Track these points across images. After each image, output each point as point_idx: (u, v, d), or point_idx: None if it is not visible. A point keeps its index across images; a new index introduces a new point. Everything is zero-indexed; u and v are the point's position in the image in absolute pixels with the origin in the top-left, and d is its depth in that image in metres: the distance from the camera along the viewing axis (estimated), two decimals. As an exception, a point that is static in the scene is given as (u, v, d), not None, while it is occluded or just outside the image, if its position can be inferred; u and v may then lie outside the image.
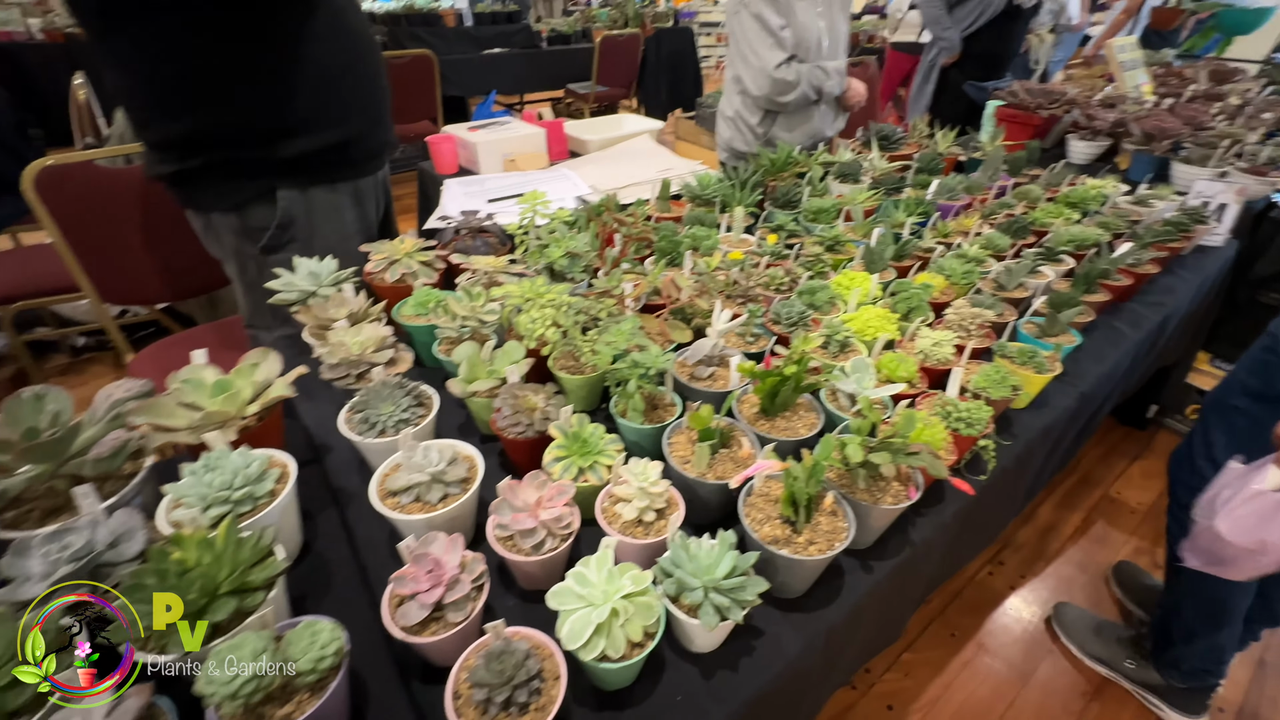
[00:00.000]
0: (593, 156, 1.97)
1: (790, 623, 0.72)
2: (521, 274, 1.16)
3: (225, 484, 0.66)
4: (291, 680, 0.53)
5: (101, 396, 0.75)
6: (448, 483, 0.74)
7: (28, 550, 0.60)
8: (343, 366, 0.92)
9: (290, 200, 1.29)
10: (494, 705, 0.54)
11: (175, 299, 1.89)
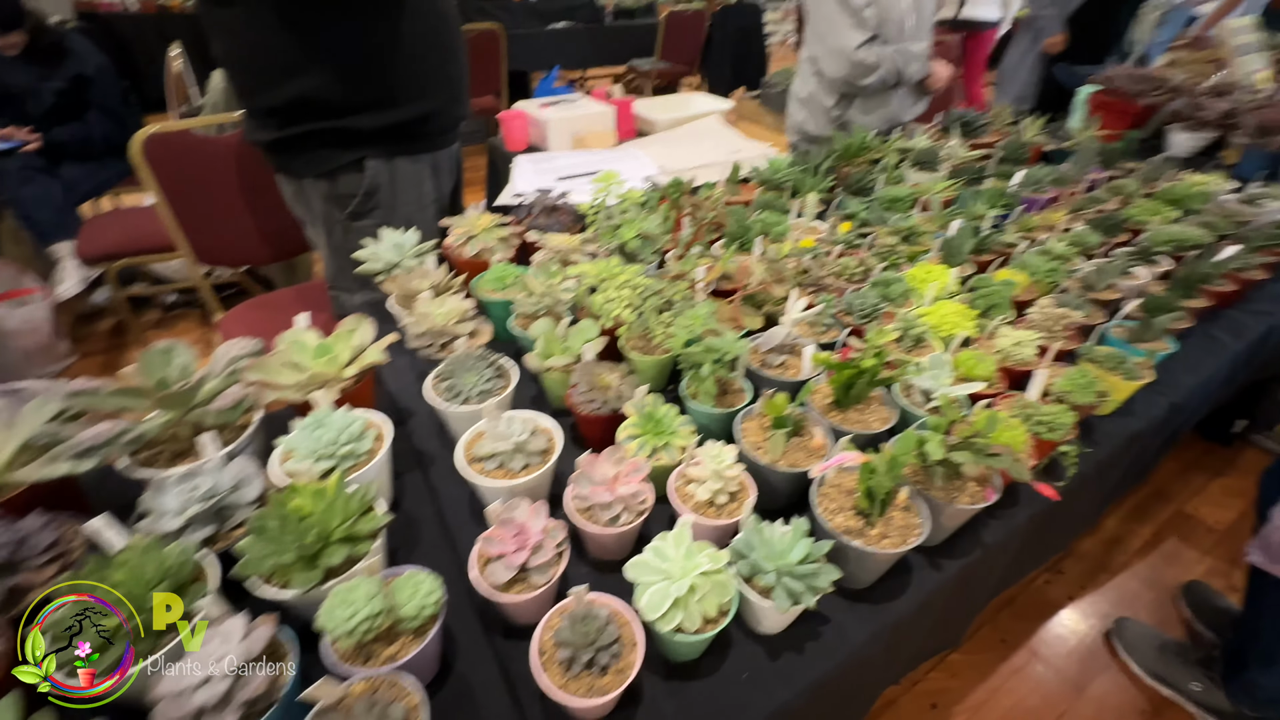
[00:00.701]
0: (660, 136, 1.96)
1: (856, 613, 0.73)
2: (594, 253, 1.18)
3: (332, 440, 0.72)
4: (397, 624, 0.57)
5: (220, 352, 0.81)
6: (529, 453, 0.78)
7: (164, 488, 0.67)
8: (427, 336, 0.96)
9: (376, 169, 1.35)
10: (577, 664, 0.57)
11: (261, 262, 2.00)
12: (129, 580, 0.54)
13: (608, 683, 0.57)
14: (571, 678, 0.58)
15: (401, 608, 0.56)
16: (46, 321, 2.23)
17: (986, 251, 1.32)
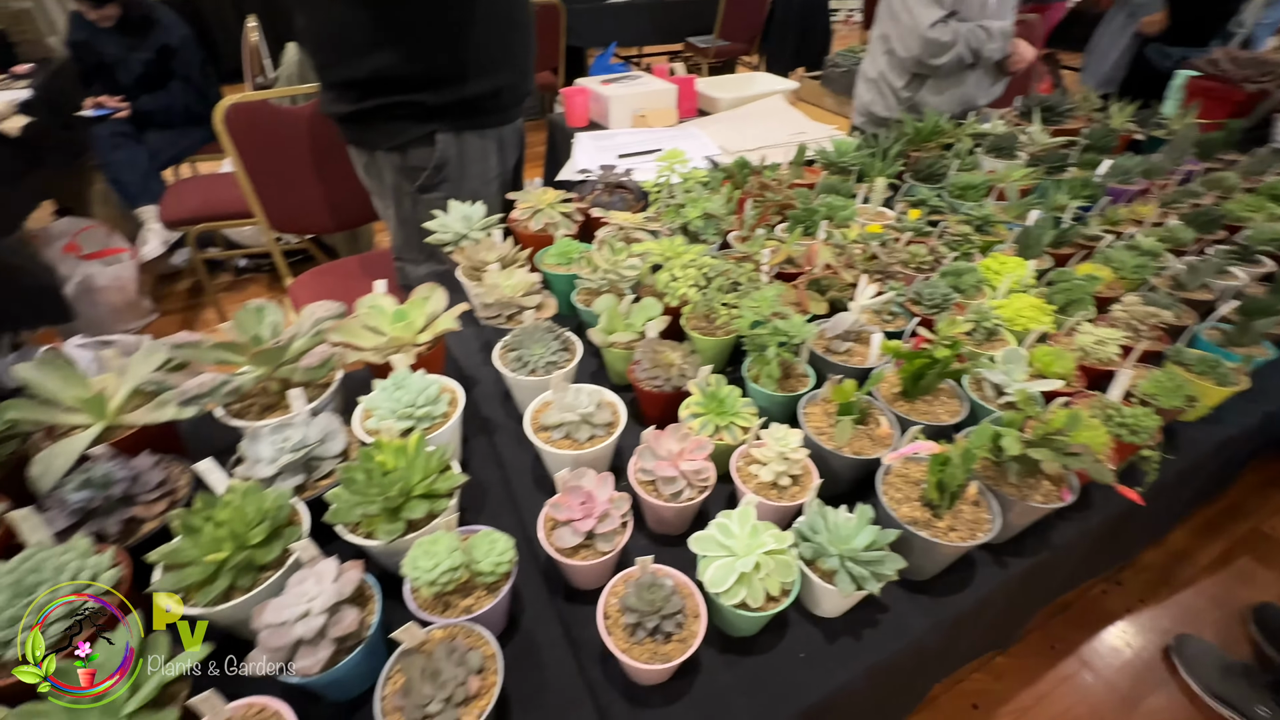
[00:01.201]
0: (722, 116, 1.93)
1: (917, 604, 0.73)
2: (656, 232, 1.18)
3: (411, 401, 0.75)
4: (473, 579, 0.60)
5: (306, 313, 0.85)
6: (594, 425, 0.79)
7: (259, 438, 0.71)
8: (495, 307, 0.99)
9: (446, 143, 1.38)
10: (642, 630, 0.59)
11: (328, 230, 2.08)
12: (233, 519, 0.59)
13: (671, 650, 0.59)
14: (635, 642, 0.60)
15: (478, 563, 0.59)
16: (132, 280, 2.38)
17: (1066, 244, 1.25)
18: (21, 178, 2.05)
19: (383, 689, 0.53)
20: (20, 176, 2.04)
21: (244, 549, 0.58)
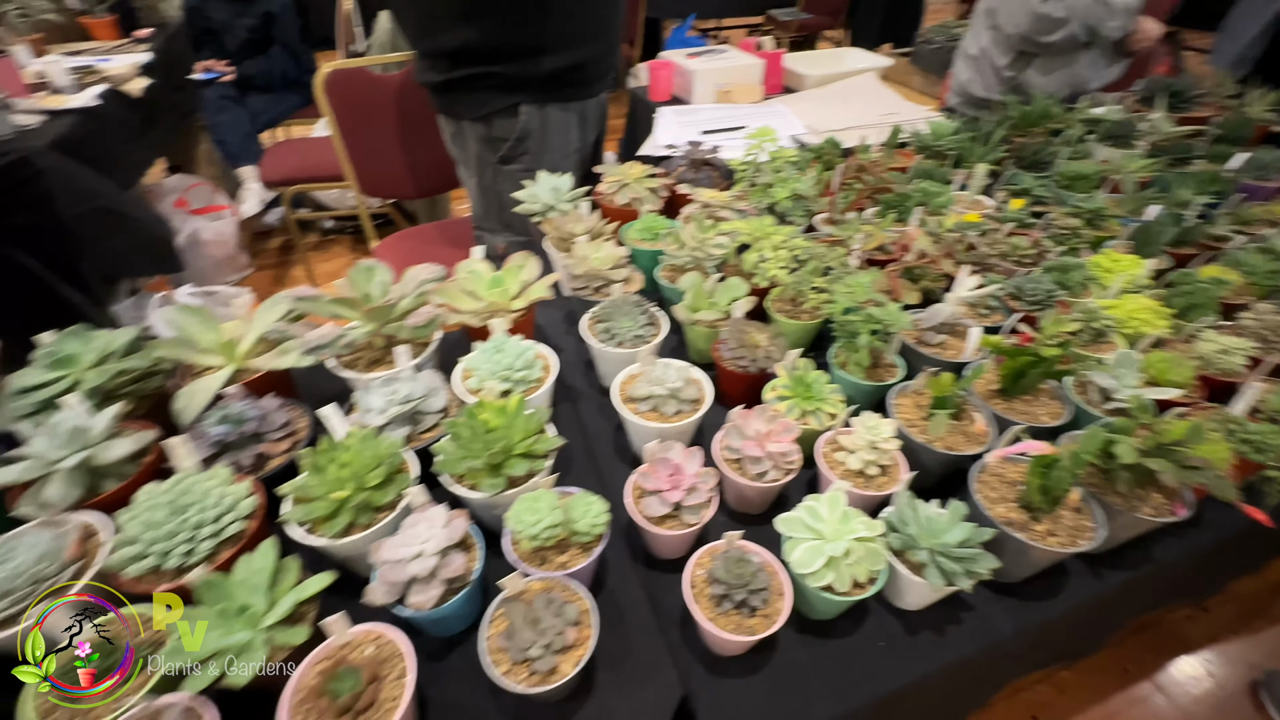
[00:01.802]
0: (809, 94, 1.87)
1: (1003, 606, 0.71)
2: (743, 211, 1.17)
3: (509, 365, 0.78)
4: (570, 537, 0.63)
5: (410, 274, 0.89)
6: (681, 400, 0.80)
7: (371, 389, 0.76)
8: (584, 278, 1.01)
9: (530, 115, 1.40)
10: (729, 601, 0.61)
11: (412, 196, 2.16)
12: (354, 461, 0.63)
13: (755, 624, 0.60)
14: (720, 613, 0.61)
15: (575, 523, 0.62)
16: (233, 236, 2.55)
17: (1188, 244, 1.16)
18: (141, 136, 2.21)
19: (487, 630, 0.57)
20: (140, 134, 2.20)
21: (363, 490, 0.62)
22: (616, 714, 0.59)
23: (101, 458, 0.66)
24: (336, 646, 0.56)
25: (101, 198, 1.87)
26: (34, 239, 1.80)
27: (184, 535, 0.59)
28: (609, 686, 0.61)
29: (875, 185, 1.16)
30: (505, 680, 0.53)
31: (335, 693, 0.51)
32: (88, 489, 0.66)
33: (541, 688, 0.53)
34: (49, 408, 0.71)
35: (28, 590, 0.56)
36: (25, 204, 1.76)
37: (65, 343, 0.76)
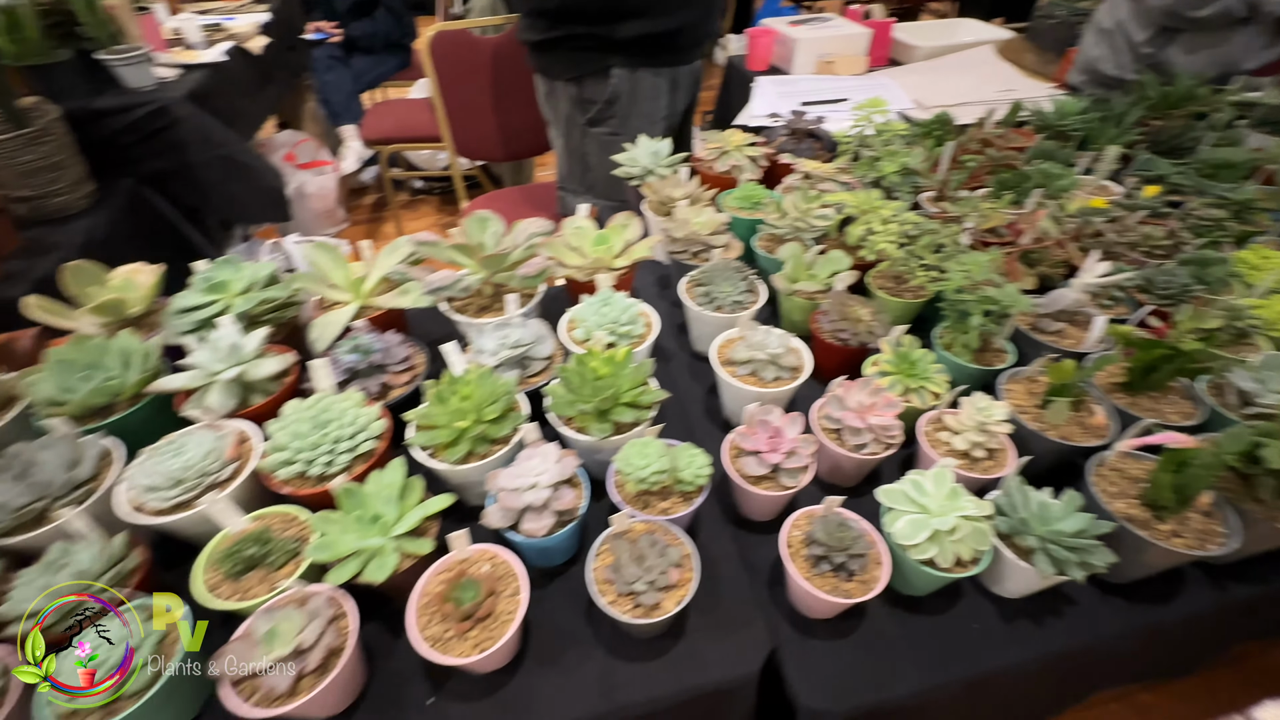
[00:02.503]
0: (918, 66, 1.77)
1: (1109, 605, 0.68)
2: (846, 183, 1.13)
3: (615, 319, 0.80)
4: (673, 485, 0.65)
5: (520, 227, 0.93)
6: (781, 366, 0.80)
7: (484, 332, 0.80)
8: (682, 242, 1.01)
9: (620, 79, 1.40)
10: (826, 564, 0.61)
11: (505, 159, 2.21)
12: (474, 394, 0.67)
13: (852, 588, 0.61)
14: (817, 574, 0.62)
15: (680, 472, 0.63)
16: (333, 191, 2.70)
17: (1354, 244, 1.04)
18: (259, 91, 2.36)
19: (593, 561, 0.60)
20: (258, 90, 2.36)
21: (481, 422, 0.66)
22: (706, 656, 0.62)
23: (252, 374, 0.73)
24: (456, 560, 0.60)
25: (226, 147, 2.01)
26: (166, 182, 1.97)
27: (325, 447, 0.64)
28: (699, 631, 0.63)
29: (997, 161, 1.09)
30: (611, 609, 0.56)
31: (459, 600, 0.55)
32: (240, 400, 0.73)
33: (644, 619, 0.56)
34: (206, 326, 0.79)
35: (195, 481, 0.63)
36: (161, 150, 1.92)
37: (219, 270, 0.84)
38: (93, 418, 0.72)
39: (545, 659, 0.61)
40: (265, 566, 0.59)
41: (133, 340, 0.75)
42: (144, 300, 0.84)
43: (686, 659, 0.61)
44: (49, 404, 0.70)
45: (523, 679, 0.60)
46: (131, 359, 0.74)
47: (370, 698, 0.59)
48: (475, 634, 0.55)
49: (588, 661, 0.61)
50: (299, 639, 0.52)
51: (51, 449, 0.64)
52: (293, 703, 0.51)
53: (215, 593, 0.58)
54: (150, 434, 0.71)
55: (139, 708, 0.50)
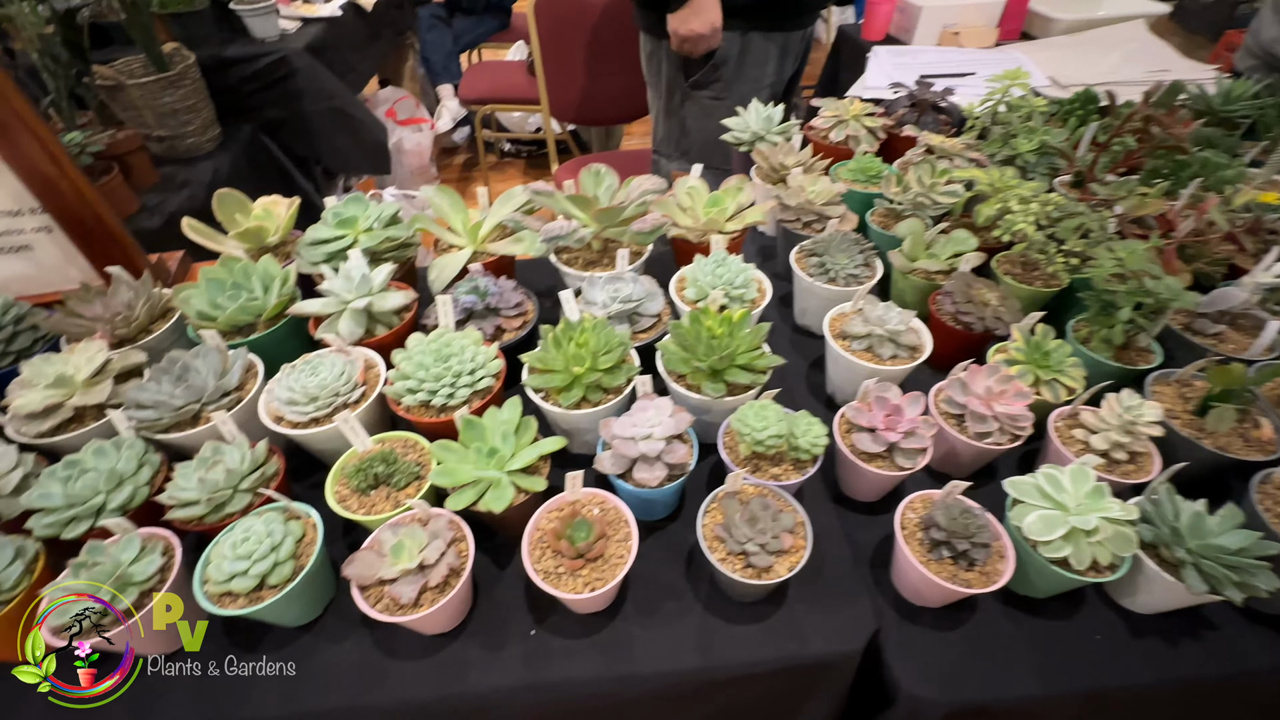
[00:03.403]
0: (1055, 41, 1.62)
1: (1259, 636, 0.62)
2: (975, 160, 1.06)
3: (729, 281, 0.78)
4: (787, 451, 0.63)
5: (635, 184, 0.92)
6: (899, 345, 0.76)
7: (596, 284, 0.80)
8: (795, 211, 0.97)
9: (729, 41, 1.35)
10: (946, 549, 0.58)
11: (599, 123, 2.22)
12: (589, 342, 0.67)
13: (972, 579, 0.57)
14: (933, 559, 0.59)
15: (796, 439, 0.62)
16: (429, 148, 2.79)
17: None
18: (368, 47, 2.45)
19: (702, 518, 0.60)
20: (367, 46, 2.44)
21: (596, 370, 0.67)
22: (807, 628, 0.60)
23: (379, 305, 0.76)
24: (568, 500, 0.61)
25: (337, 99, 2.10)
26: (280, 130, 2.08)
27: (447, 380, 0.67)
28: (801, 602, 0.62)
29: (1159, 145, 0.99)
30: (721, 566, 0.56)
31: (572, 538, 0.56)
32: (366, 330, 0.77)
33: (755, 580, 0.55)
34: (336, 258, 0.83)
35: (328, 400, 0.67)
36: (279, 98, 2.03)
37: (349, 206, 0.87)
38: (236, 334, 0.77)
39: (643, 608, 0.62)
40: (390, 485, 0.62)
41: (273, 265, 0.79)
42: (281, 230, 0.89)
43: (786, 627, 0.60)
44: (200, 317, 0.75)
45: (621, 624, 0.61)
46: (271, 282, 0.78)
47: (475, 621, 0.61)
48: (586, 573, 0.56)
49: (686, 616, 0.61)
50: (423, 555, 0.54)
51: (204, 357, 0.69)
52: (414, 614, 0.53)
53: (344, 505, 0.61)
54: (284, 354, 0.75)
55: (281, 597, 0.54)
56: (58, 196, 0.78)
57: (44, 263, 0.85)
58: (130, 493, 0.60)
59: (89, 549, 0.54)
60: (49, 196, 0.78)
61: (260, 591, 0.54)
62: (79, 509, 0.58)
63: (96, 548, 0.55)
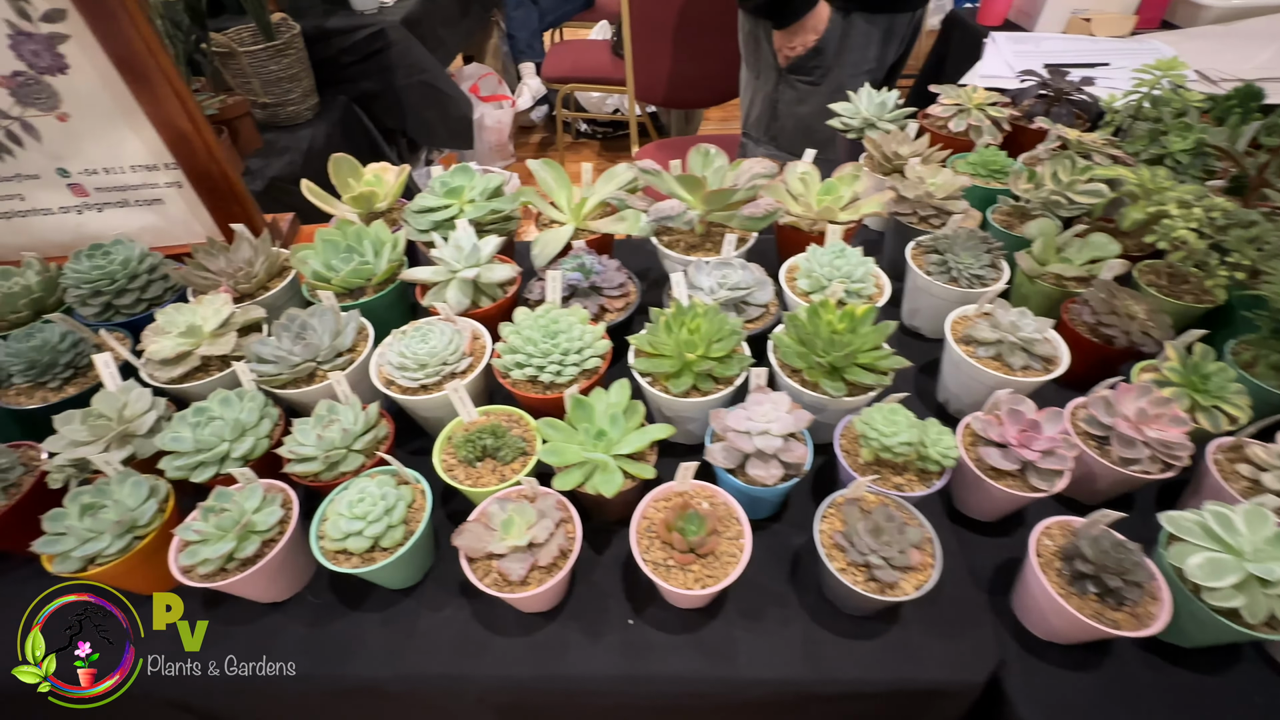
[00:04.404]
0: (1203, 31, 1.46)
1: None
2: (1116, 157, 0.96)
3: (847, 274, 0.74)
4: (913, 461, 0.59)
5: (745, 168, 0.88)
6: (1032, 355, 0.70)
7: (701, 269, 0.77)
8: (911, 204, 0.91)
9: (832, 23, 1.28)
10: (1092, 584, 0.53)
11: (686, 106, 2.16)
12: (705, 328, 0.65)
13: (1120, 619, 0.52)
14: (1074, 593, 0.54)
15: (927, 449, 0.57)
16: (509, 125, 2.81)
17: None
18: (458, 23, 2.48)
19: (819, 523, 0.56)
20: (457, 22, 2.47)
21: (709, 358, 0.64)
22: (923, 651, 0.56)
23: (486, 277, 0.76)
24: (675, 490, 0.59)
25: (428, 73, 2.13)
26: (371, 102, 2.13)
27: (555, 357, 0.65)
28: (917, 623, 0.58)
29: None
30: (841, 576, 0.52)
31: (685, 531, 0.54)
32: (471, 301, 0.76)
33: (878, 595, 0.51)
34: (442, 227, 0.83)
35: (437, 368, 0.67)
36: (373, 71, 2.07)
37: (456, 176, 0.87)
38: (347, 296, 0.78)
39: (745, 611, 0.59)
40: (496, 459, 0.61)
41: (384, 230, 0.80)
42: (390, 197, 0.90)
43: (900, 648, 0.57)
44: (315, 278, 0.77)
45: (722, 625, 0.58)
46: (382, 247, 0.79)
47: (573, 604, 0.60)
48: (696, 569, 0.53)
49: (791, 624, 0.58)
50: (531, 533, 0.53)
51: (320, 317, 0.70)
52: (522, 591, 0.52)
53: (450, 474, 0.61)
54: (390, 319, 0.76)
55: (393, 560, 0.54)
56: (191, 154, 0.81)
57: (171, 217, 0.89)
58: (252, 444, 0.62)
59: (217, 494, 0.56)
60: (183, 153, 0.81)
61: (373, 553, 0.55)
62: (205, 455, 0.60)
63: (224, 494, 0.56)
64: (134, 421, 0.62)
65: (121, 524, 0.54)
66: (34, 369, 0.66)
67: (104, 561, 0.54)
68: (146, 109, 0.77)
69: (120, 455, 0.60)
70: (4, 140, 0.79)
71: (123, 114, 0.79)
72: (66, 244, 0.88)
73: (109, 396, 0.62)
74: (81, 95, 0.76)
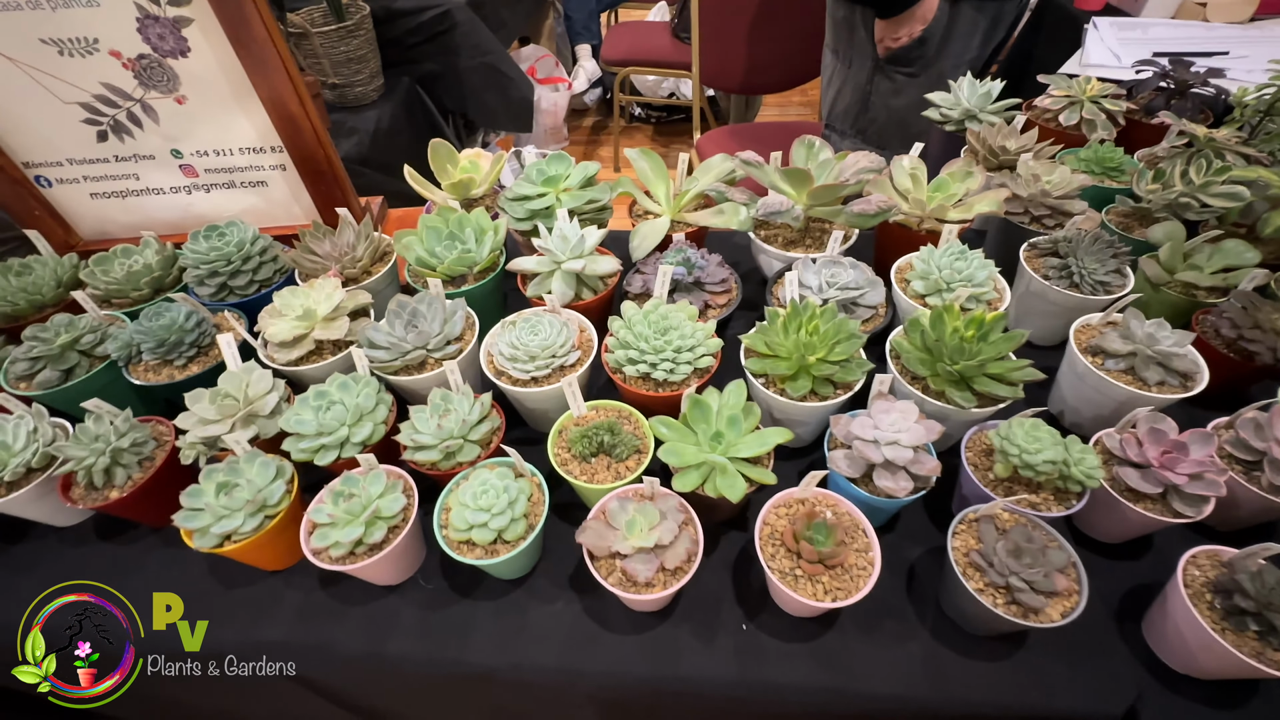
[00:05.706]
0: (1335, 18, 1.35)
1: None
2: (1248, 155, 0.89)
3: (969, 278, 0.70)
4: (1053, 479, 0.56)
5: (849, 161, 0.84)
6: (1169, 370, 0.66)
7: (810, 268, 0.75)
8: (1024, 202, 0.87)
9: (940, 12, 1.21)
10: (1254, 621, 0.49)
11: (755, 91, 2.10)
12: (825, 330, 0.62)
13: None
14: (1230, 629, 0.50)
15: (1069, 469, 0.54)
16: (564, 108, 2.79)
17: None
18: (519, 4, 2.46)
19: (951, 539, 0.54)
20: (518, 3, 2.46)
21: (829, 362, 0.62)
22: (1054, 679, 0.54)
23: (590, 269, 0.75)
24: (797, 498, 0.58)
25: (491, 54, 2.12)
26: (434, 83, 2.14)
27: (667, 354, 0.64)
28: (1043, 646, 0.56)
29: None
30: (980, 597, 0.50)
31: (814, 540, 0.52)
32: (575, 293, 0.76)
33: (1021, 620, 0.49)
34: (538, 216, 0.82)
35: (547, 360, 0.66)
36: (437, 52, 2.07)
37: (553, 164, 0.86)
38: (450, 284, 0.79)
39: (861, 623, 0.58)
40: (612, 456, 0.61)
41: (485, 218, 0.80)
42: (486, 183, 0.90)
43: (1028, 673, 0.54)
44: (419, 264, 0.77)
45: (837, 636, 0.57)
46: (483, 235, 0.79)
47: (683, 605, 0.60)
48: (826, 580, 0.52)
49: (911, 640, 0.57)
50: (656, 534, 0.53)
51: (429, 304, 0.71)
52: (644, 593, 0.52)
53: (564, 468, 0.61)
54: (489, 309, 0.76)
55: (515, 554, 0.54)
56: (298, 137, 0.82)
57: (274, 199, 0.91)
58: (370, 429, 0.63)
59: (345, 479, 0.57)
60: (291, 136, 0.82)
61: (496, 545, 0.55)
62: (328, 439, 0.61)
63: (351, 479, 0.57)
64: (257, 402, 0.64)
65: (254, 503, 0.56)
66: (162, 347, 0.68)
67: (239, 539, 0.55)
68: (260, 91, 0.78)
69: (247, 434, 0.61)
70: (125, 121, 0.81)
71: (235, 97, 0.80)
72: (174, 223, 0.91)
73: (234, 377, 0.64)
74: (199, 78, 0.78)
